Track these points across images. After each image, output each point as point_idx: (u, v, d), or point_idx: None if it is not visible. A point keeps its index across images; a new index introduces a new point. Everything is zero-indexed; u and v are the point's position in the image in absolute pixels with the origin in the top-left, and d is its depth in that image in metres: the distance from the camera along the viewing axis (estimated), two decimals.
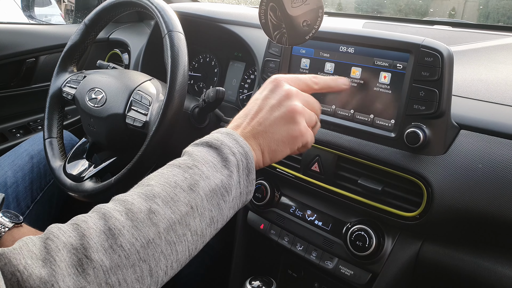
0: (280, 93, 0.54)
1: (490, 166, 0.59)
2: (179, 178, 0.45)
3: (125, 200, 0.42)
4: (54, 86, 0.92)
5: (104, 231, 0.39)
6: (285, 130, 0.53)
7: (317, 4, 0.56)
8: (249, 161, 0.50)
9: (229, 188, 0.47)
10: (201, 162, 0.47)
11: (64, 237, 0.38)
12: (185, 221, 0.43)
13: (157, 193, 0.43)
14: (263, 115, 0.53)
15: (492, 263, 0.61)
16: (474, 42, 0.91)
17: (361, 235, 0.69)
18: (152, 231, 0.40)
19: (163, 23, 0.76)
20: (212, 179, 0.46)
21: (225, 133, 0.51)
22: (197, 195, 0.44)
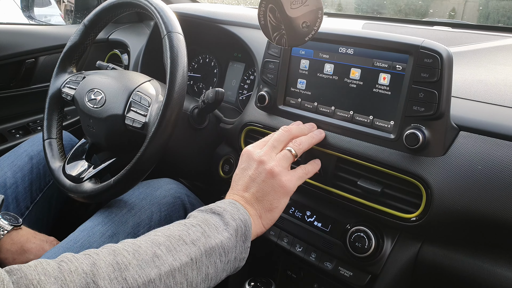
0: (253, 163, 0.62)
1: (489, 168, 0.59)
2: (183, 233, 0.51)
3: (133, 243, 0.48)
4: (53, 86, 0.92)
5: (113, 264, 0.44)
6: (271, 189, 0.60)
7: (316, 5, 0.56)
8: (247, 228, 0.56)
9: (227, 249, 0.53)
10: (205, 223, 0.53)
11: (77, 262, 0.43)
12: (184, 271, 0.48)
13: (162, 242, 0.49)
14: (248, 185, 0.61)
15: (491, 265, 0.61)
16: (474, 43, 0.91)
17: (361, 236, 0.69)
18: (154, 272, 0.46)
19: (163, 24, 0.76)
20: (212, 238, 0.52)
21: (228, 202, 0.58)
22: (198, 249, 0.50)
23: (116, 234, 0.76)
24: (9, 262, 0.79)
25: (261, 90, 0.82)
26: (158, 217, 0.81)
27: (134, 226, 0.78)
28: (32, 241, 0.82)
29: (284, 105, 0.81)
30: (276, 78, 0.79)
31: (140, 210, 0.80)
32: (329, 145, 0.72)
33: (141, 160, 0.72)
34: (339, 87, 0.73)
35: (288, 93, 0.80)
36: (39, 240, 0.83)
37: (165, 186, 0.86)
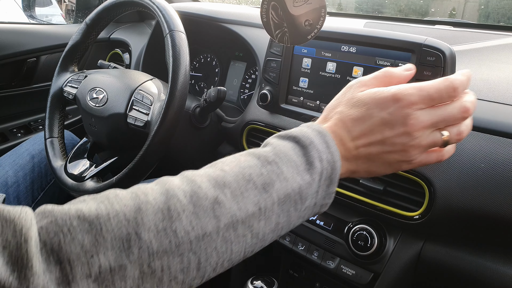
0: (401, 117, 0.43)
1: (492, 166, 0.59)
2: (255, 172, 0.40)
3: (193, 181, 0.38)
4: (55, 85, 0.92)
5: (163, 210, 0.35)
6: (392, 159, 0.46)
7: (319, 4, 0.56)
8: (334, 171, 0.43)
9: (305, 196, 0.42)
10: (283, 159, 0.42)
11: (118, 205, 0.34)
12: (248, 222, 0.39)
13: (228, 182, 0.39)
14: (371, 136, 0.45)
15: (494, 263, 0.61)
16: (476, 42, 0.91)
17: (363, 234, 0.69)
18: (211, 224, 0.36)
19: (165, 23, 0.76)
20: (290, 182, 0.41)
21: (317, 132, 0.44)
22: (269, 196, 0.40)
23: None
24: None
25: (263, 89, 0.82)
26: None
27: None
28: None
29: (286, 103, 0.80)
30: (278, 76, 0.79)
31: None
32: None
33: (143, 158, 0.72)
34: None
35: (290, 91, 0.80)
36: None
37: None
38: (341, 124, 0.46)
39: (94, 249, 0.31)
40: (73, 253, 0.30)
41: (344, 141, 0.45)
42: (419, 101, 0.43)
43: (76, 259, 0.30)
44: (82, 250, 0.31)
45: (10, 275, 0.27)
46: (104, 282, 0.31)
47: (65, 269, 0.30)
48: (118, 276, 0.32)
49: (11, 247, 0.28)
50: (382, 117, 0.44)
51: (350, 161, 0.46)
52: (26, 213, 0.31)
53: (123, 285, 0.32)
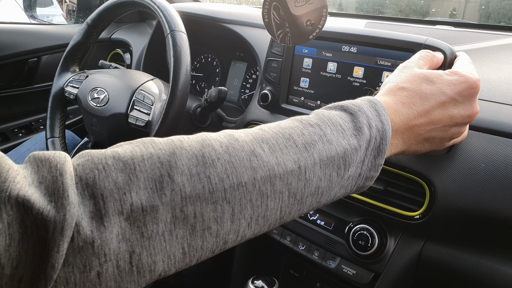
0: (471, 108, 0.47)
1: (493, 166, 0.59)
2: (296, 132, 0.39)
3: (231, 134, 0.37)
4: (56, 85, 0.93)
5: (197, 155, 0.34)
6: (448, 130, 0.47)
7: (321, 4, 0.56)
8: (383, 141, 0.42)
9: (349, 161, 0.40)
10: (327, 123, 0.40)
11: (153, 149, 0.34)
12: (287, 179, 0.37)
13: (267, 139, 0.37)
14: (437, 121, 0.45)
15: (494, 263, 0.61)
16: (477, 42, 0.91)
17: (364, 234, 0.69)
18: (247, 174, 0.35)
19: (166, 23, 0.77)
20: (334, 144, 0.39)
21: (367, 100, 0.43)
22: (310, 156, 0.38)
23: None
24: None
25: (264, 89, 0.82)
26: None
27: None
28: None
29: (287, 103, 0.81)
30: (279, 76, 0.79)
31: None
32: None
33: None
34: (342, 85, 0.73)
35: (291, 91, 0.80)
36: None
37: None
38: (408, 99, 0.45)
39: (127, 187, 0.31)
40: (107, 189, 0.30)
41: (407, 117, 0.44)
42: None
43: (109, 195, 0.30)
44: (115, 187, 0.31)
45: (47, 204, 0.28)
46: (136, 222, 0.31)
47: (98, 204, 0.30)
48: (150, 217, 0.31)
49: (47, 181, 0.29)
50: (453, 97, 0.45)
51: (405, 139, 0.45)
52: (60, 154, 0.32)
53: (155, 228, 0.31)
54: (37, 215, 0.27)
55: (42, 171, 0.30)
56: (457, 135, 0.49)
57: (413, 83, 0.46)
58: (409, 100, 0.45)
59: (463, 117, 0.47)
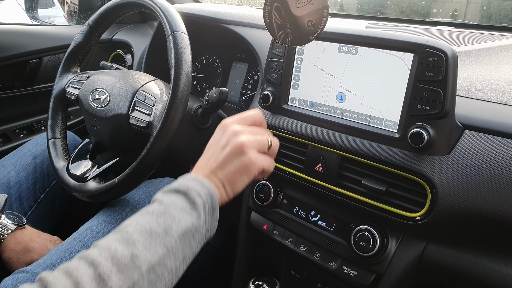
0: (227, 134, 0.61)
1: (494, 167, 0.59)
2: (154, 225, 0.50)
3: (109, 248, 0.47)
4: (57, 86, 0.93)
5: (95, 277, 0.44)
6: (236, 162, 0.59)
7: (322, 4, 0.56)
8: (213, 200, 0.55)
9: (198, 228, 0.53)
10: (172, 207, 0.52)
11: (60, 285, 0.42)
12: (163, 262, 0.48)
13: (136, 239, 0.48)
14: (217, 156, 0.60)
15: (496, 264, 0.61)
16: (478, 42, 0.91)
17: (365, 235, 0.69)
18: (136, 274, 0.46)
19: (167, 24, 0.77)
20: (183, 222, 0.51)
21: (191, 178, 0.56)
22: (171, 237, 0.50)
23: None
24: (13, 261, 0.79)
25: (265, 90, 0.82)
26: None
27: None
28: (36, 240, 0.82)
29: (288, 104, 0.81)
30: (280, 77, 0.79)
31: None
32: (333, 144, 0.72)
33: (145, 159, 0.73)
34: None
35: (292, 92, 0.80)
36: (43, 240, 0.83)
37: None
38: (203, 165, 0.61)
39: None
40: None
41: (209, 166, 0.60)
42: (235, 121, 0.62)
43: None
44: None
45: None
46: None
47: None
48: None
49: None
50: (216, 139, 0.62)
51: (210, 177, 0.58)
52: None
53: None
54: None
55: None
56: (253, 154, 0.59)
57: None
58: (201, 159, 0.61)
59: (227, 141, 0.60)
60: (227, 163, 0.59)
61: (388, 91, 0.67)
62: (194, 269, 1.01)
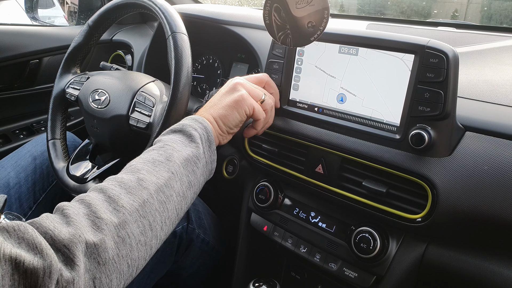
0: (228, 84, 0.67)
1: (495, 168, 0.58)
2: (156, 155, 0.54)
3: (115, 177, 0.51)
4: (57, 87, 0.92)
5: (105, 199, 0.47)
6: (228, 98, 0.65)
7: (322, 5, 0.56)
8: (209, 134, 0.60)
9: (198, 157, 0.57)
10: (171, 141, 0.57)
11: (74, 209, 0.46)
12: (169, 184, 0.52)
13: (140, 167, 0.52)
14: (214, 99, 0.66)
15: (497, 266, 0.61)
16: (479, 43, 0.90)
17: (366, 237, 0.69)
18: (144, 193, 0.49)
19: (167, 24, 0.76)
20: (183, 151, 0.55)
21: (185, 118, 0.62)
22: (174, 163, 0.54)
23: None
24: None
25: None
26: None
27: None
28: None
29: (288, 105, 0.80)
30: (281, 78, 0.79)
31: None
32: (334, 145, 0.72)
33: None
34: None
35: (292, 93, 0.80)
36: None
37: None
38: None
39: (79, 231, 0.43)
40: (65, 239, 0.42)
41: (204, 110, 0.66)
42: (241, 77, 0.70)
43: (69, 243, 0.42)
44: (70, 235, 0.42)
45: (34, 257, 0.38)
46: (92, 255, 0.43)
47: (66, 253, 0.41)
48: (102, 248, 0.44)
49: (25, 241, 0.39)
50: (220, 89, 0.68)
51: (203, 113, 0.64)
52: (18, 222, 0.41)
53: (107, 255, 0.44)
54: (27, 267, 0.36)
55: (15, 235, 0.39)
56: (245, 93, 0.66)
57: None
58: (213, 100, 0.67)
59: (227, 87, 0.67)
60: (220, 100, 0.65)
61: (388, 92, 0.67)
62: (194, 270, 1.01)
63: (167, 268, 0.91)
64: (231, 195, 1.07)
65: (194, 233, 0.94)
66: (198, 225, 0.96)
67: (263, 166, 0.83)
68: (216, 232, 1.03)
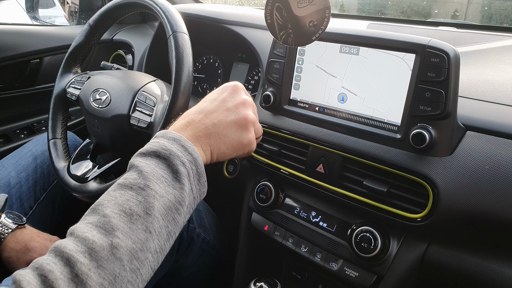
0: (237, 99, 0.57)
1: (496, 167, 0.58)
2: (133, 204, 0.45)
3: (85, 238, 0.42)
4: (58, 87, 0.92)
5: (72, 278, 0.39)
6: (237, 135, 0.55)
7: (323, 5, 0.56)
8: (198, 167, 0.50)
9: (182, 201, 0.48)
10: (152, 179, 0.46)
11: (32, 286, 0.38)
12: (145, 247, 0.44)
13: (115, 225, 0.43)
14: (218, 116, 0.55)
15: (499, 265, 0.61)
16: (480, 43, 0.90)
17: (366, 236, 0.69)
18: (117, 266, 0.41)
19: (168, 24, 0.76)
20: (166, 196, 0.46)
21: (172, 139, 0.50)
22: (154, 218, 0.45)
23: None
24: (13, 261, 0.79)
25: (266, 90, 0.82)
26: None
27: None
28: (36, 240, 0.82)
29: (289, 105, 0.80)
30: (282, 78, 0.79)
31: None
32: (335, 144, 0.72)
33: None
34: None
35: (293, 93, 0.80)
36: (43, 239, 0.83)
37: None
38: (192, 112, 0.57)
39: None
40: None
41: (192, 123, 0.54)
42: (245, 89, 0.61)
43: None
44: None
45: None
46: None
47: None
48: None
49: None
50: (222, 97, 0.58)
51: (201, 139, 0.54)
52: None
53: None
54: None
55: None
56: (242, 121, 0.57)
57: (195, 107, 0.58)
58: (195, 110, 0.56)
59: (235, 106, 0.57)
60: (226, 131, 0.55)
61: (389, 92, 0.67)
62: (195, 270, 1.01)
63: (167, 268, 0.91)
64: (232, 194, 1.07)
65: (194, 232, 0.94)
66: (199, 224, 0.96)
67: (264, 166, 0.83)
68: (216, 232, 1.03)
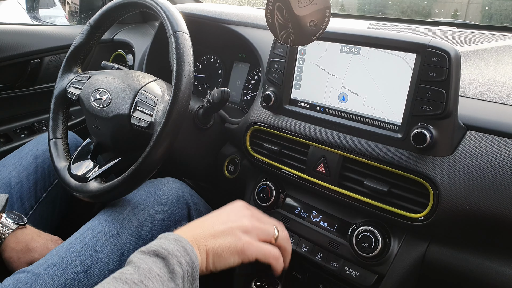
0: (236, 211, 0.62)
1: (497, 167, 0.58)
2: None
3: None
4: (59, 86, 0.92)
5: None
6: (231, 238, 0.58)
7: (324, 4, 0.56)
8: (194, 269, 0.52)
9: None
10: (148, 277, 0.47)
11: None
12: None
13: None
14: (215, 223, 0.59)
15: (499, 265, 0.61)
16: (480, 43, 0.90)
17: (367, 236, 0.69)
18: None
19: (169, 24, 0.76)
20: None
21: (173, 240, 0.53)
22: None
23: (120, 233, 0.76)
24: (14, 261, 0.79)
25: (266, 90, 0.82)
26: (161, 215, 0.81)
27: (138, 224, 0.78)
28: (36, 240, 0.82)
29: (290, 105, 0.80)
30: (282, 77, 0.79)
31: (144, 208, 0.80)
32: (335, 144, 0.72)
33: (147, 159, 0.72)
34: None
35: (294, 92, 0.80)
36: (43, 239, 0.83)
37: (169, 185, 0.86)
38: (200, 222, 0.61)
39: None
40: None
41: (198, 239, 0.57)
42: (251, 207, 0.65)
43: None
44: None
45: None
46: None
47: None
48: None
49: None
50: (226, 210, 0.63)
51: (198, 241, 0.56)
52: None
53: None
54: None
55: None
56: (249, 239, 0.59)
57: None
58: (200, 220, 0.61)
59: (235, 216, 0.61)
60: (222, 235, 0.58)
61: (390, 91, 0.67)
62: None
63: None
64: (233, 194, 1.07)
65: None
66: None
67: (265, 165, 0.83)
68: None
